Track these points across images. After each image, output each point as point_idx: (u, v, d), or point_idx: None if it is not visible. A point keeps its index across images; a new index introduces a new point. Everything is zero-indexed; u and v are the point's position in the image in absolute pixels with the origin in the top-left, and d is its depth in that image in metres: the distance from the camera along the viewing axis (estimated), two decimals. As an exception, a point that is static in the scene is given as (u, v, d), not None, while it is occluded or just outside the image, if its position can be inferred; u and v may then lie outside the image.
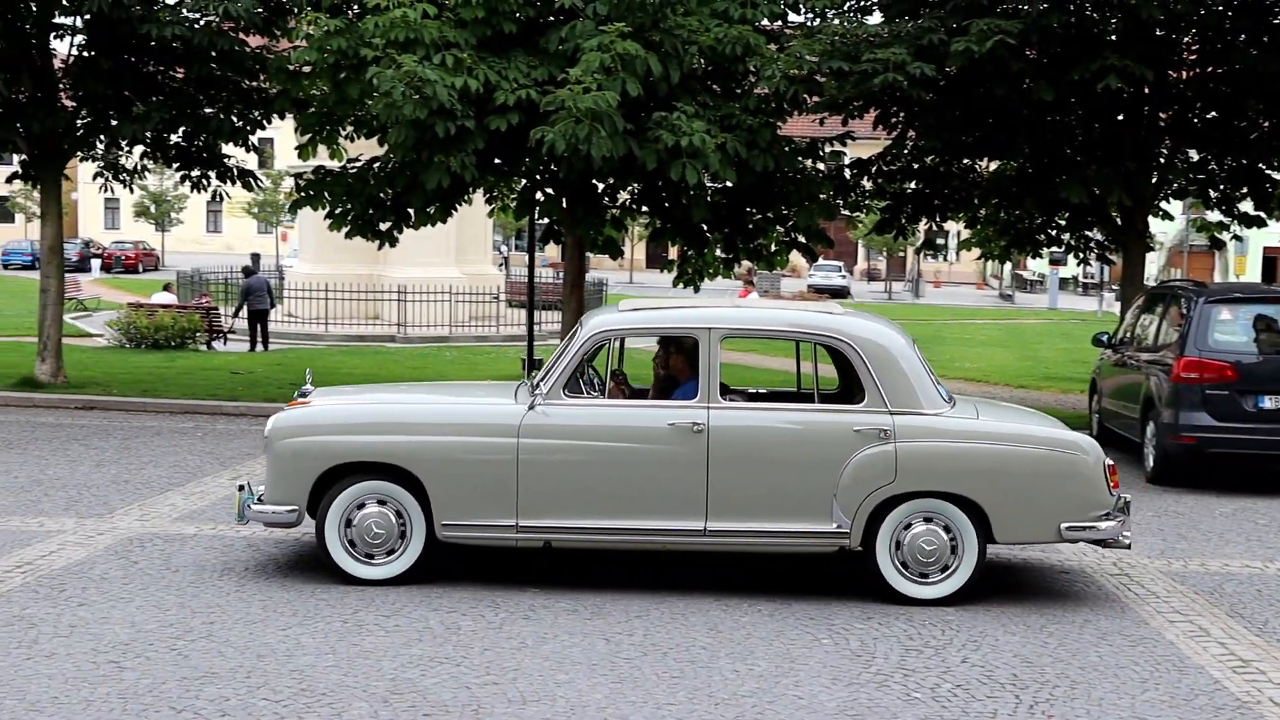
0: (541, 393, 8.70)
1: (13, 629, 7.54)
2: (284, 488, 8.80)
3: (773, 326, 9.56)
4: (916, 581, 8.67)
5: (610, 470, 8.62)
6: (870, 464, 8.53)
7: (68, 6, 17.86)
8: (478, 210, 23.77)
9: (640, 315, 9.23)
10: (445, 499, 8.64)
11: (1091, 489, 8.73)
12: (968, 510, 8.62)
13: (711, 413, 8.61)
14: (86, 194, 79.83)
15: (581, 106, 13.57)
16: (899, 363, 8.75)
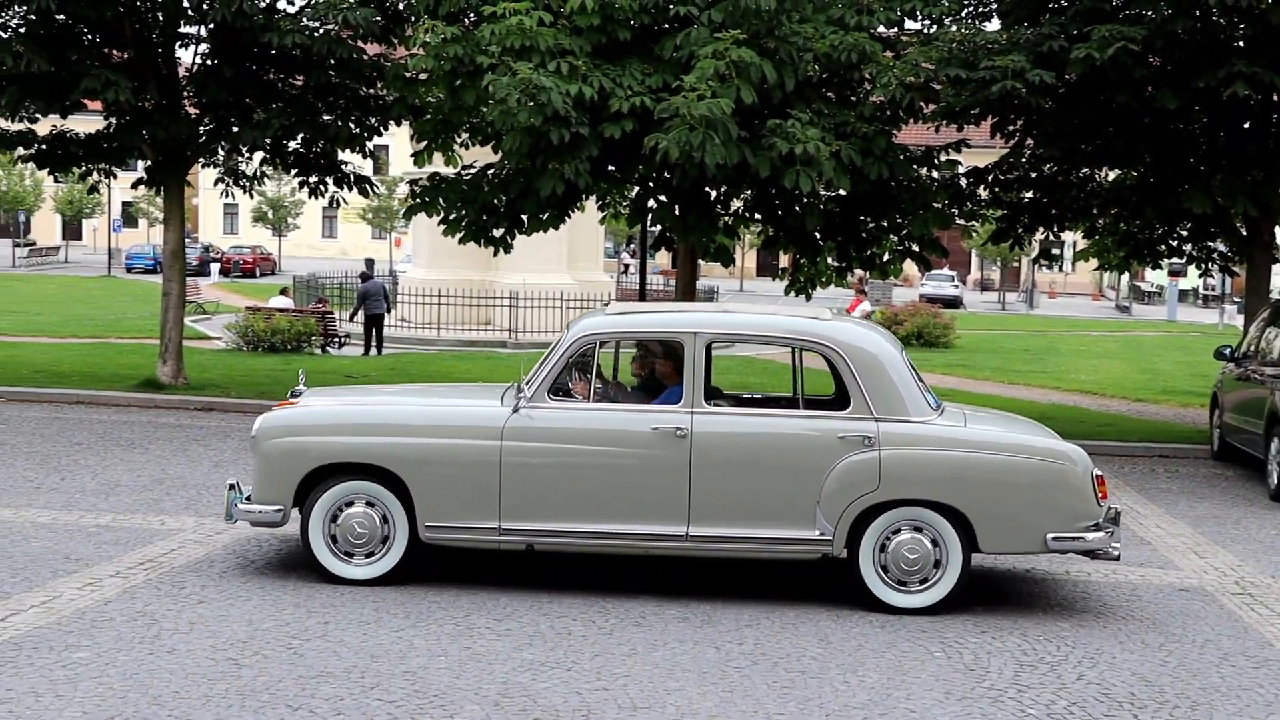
0: (525, 396, 8.67)
1: (136, 624, 7.69)
2: (270, 487, 8.83)
3: (759, 332, 9.34)
4: (900, 590, 8.58)
5: (593, 474, 8.59)
6: (854, 471, 8.47)
7: (193, 16, 18.27)
8: (589, 217, 23.84)
9: (626, 319, 9.19)
10: (428, 500, 8.64)
11: (1078, 499, 8.58)
12: (952, 519, 8.51)
13: (695, 417, 8.57)
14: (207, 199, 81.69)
15: (696, 113, 13.57)
16: (885, 370, 8.66)
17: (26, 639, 7.35)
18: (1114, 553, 8.77)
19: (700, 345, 8.66)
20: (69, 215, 79.07)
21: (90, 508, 10.99)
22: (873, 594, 8.58)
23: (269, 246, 76.12)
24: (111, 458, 13.53)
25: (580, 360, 8.83)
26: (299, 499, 8.80)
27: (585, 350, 8.78)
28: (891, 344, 9.02)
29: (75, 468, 12.87)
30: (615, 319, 9.09)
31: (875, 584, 8.57)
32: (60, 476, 12.37)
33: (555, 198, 15.57)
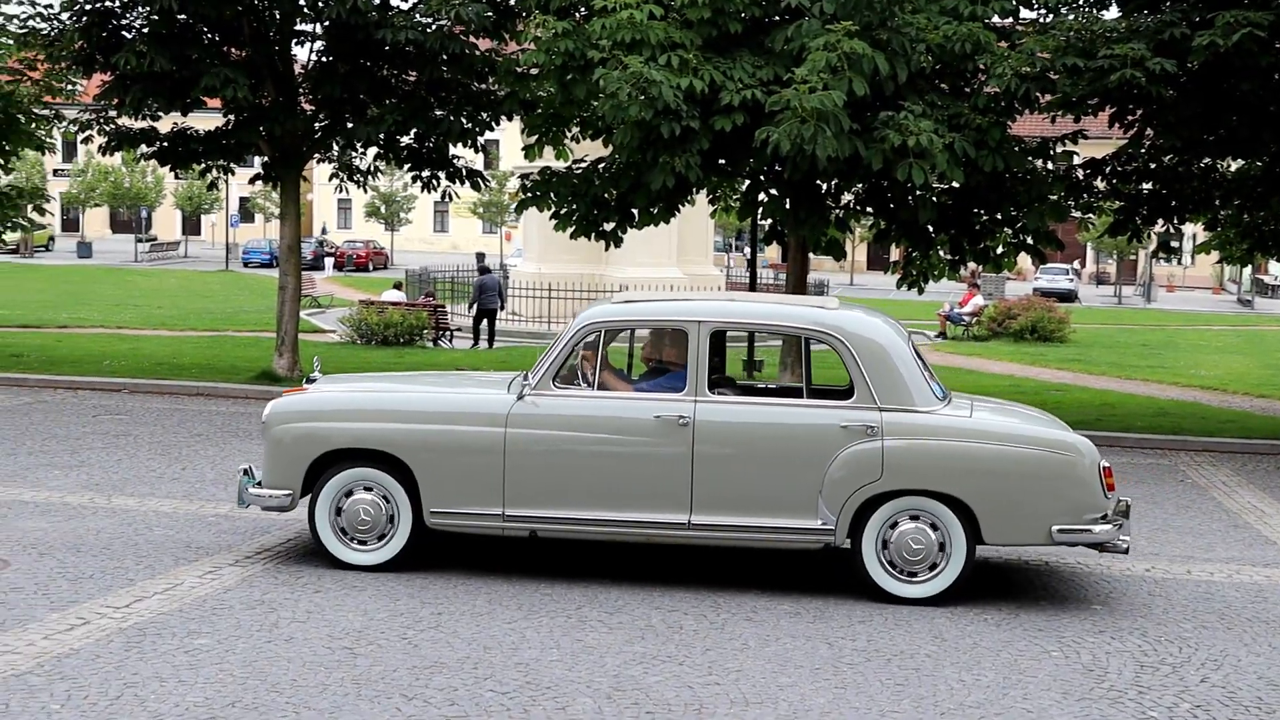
0: (530, 384, 8.70)
1: (254, 612, 7.82)
2: (279, 473, 8.94)
3: (763, 321, 9.22)
4: (903, 580, 8.53)
5: (596, 461, 8.60)
6: (856, 460, 8.42)
7: (308, 14, 18.54)
8: (699, 211, 23.82)
9: (631, 308, 9.15)
10: (434, 487, 8.70)
11: (1084, 491, 8.48)
12: (956, 509, 8.45)
13: (698, 406, 8.55)
14: (321, 194, 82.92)
15: (807, 106, 13.47)
16: (890, 359, 8.60)
17: (150, 625, 7.51)
18: (1122, 545, 8.63)
19: (704, 334, 8.64)
20: (188, 211, 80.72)
21: (210, 497, 11.20)
22: (875, 584, 8.53)
23: (382, 241, 77.07)
24: (230, 448, 13.77)
25: (585, 349, 8.81)
26: (308, 484, 8.90)
27: (590, 339, 8.77)
28: (898, 334, 8.93)
29: (195, 458, 13.13)
30: (620, 308, 9.10)
31: (878, 573, 8.53)
32: (181, 466, 12.63)
33: (666, 191, 15.56)
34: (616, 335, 9.19)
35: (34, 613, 7.66)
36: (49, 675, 6.60)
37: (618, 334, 9.21)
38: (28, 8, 19.62)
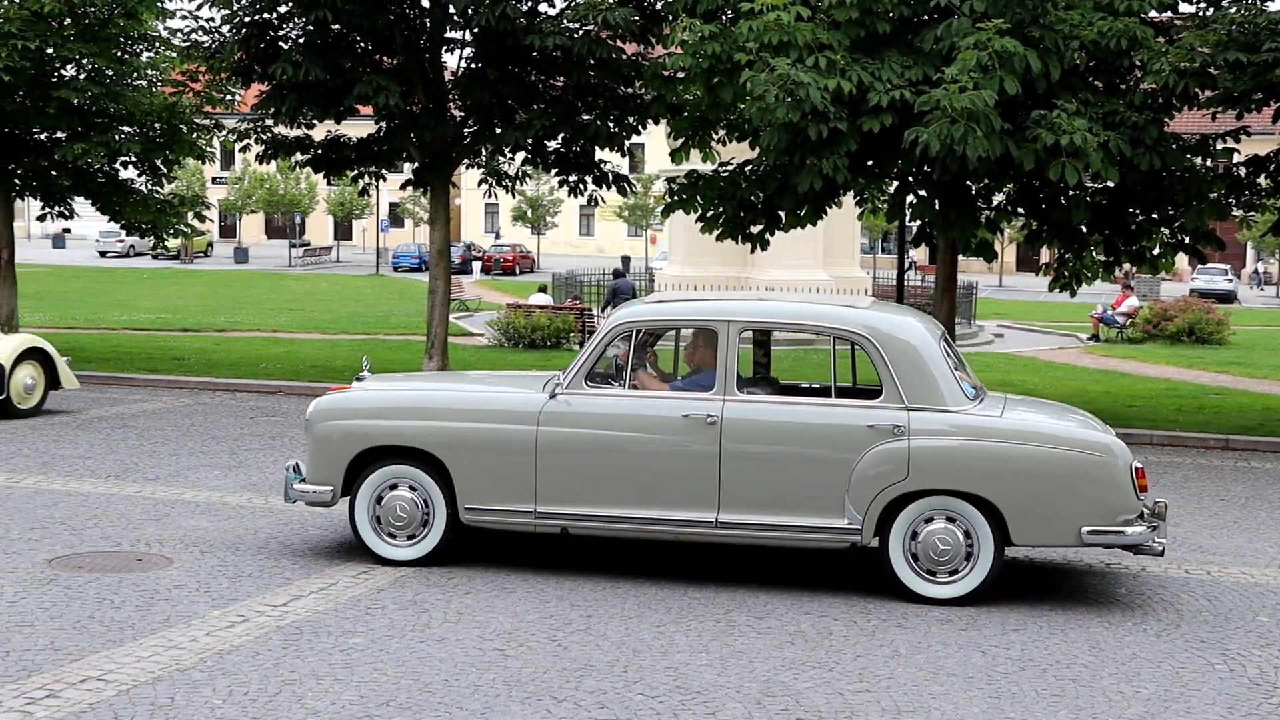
0: (563, 383, 8.81)
1: (407, 612, 7.94)
2: (321, 469, 9.15)
3: (793, 320, 9.17)
4: (931, 581, 8.45)
5: (625, 459, 8.67)
6: (882, 460, 8.37)
7: (458, 22, 18.80)
8: (845, 212, 23.61)
9: (663, 308, 9.30)
10: (468, 483, 8.83)
11: (1113, 492, 8.34)
12: (983, 510, 8.36)
13: (726, 405, 8.56)
14: (469, 199, 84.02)
15: (957, 106, 13.29)
16: (919, 358, 8.53)
17: (307, 623, 7.66)
18: (1157, 548, 8.47)
19: (733, 333, 8.66)
20: (340, 216, 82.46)
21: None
22: (902, 583, 8.46)
23: (528, 245, 77.86)
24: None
25: (619, 348, 8.87)
26: (349, 480, 9.08)
27: (622, 338, 8.83)
28: (930, 333, 8.82)
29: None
30: (652, 308, 9.24)
31: (905, 573, 8.47)
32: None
33: (813, 193, 15.47)
34: (649, 335, 9.24)
35: (196, 609, 7.87)
36: (211, 671, 6.77)
37: (650, 334, 9.26)
38: (190, 22, 20.20)
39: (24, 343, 15.64)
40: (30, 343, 15.72)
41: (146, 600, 8.04)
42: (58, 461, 12.75)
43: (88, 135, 21.32)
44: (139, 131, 22.36)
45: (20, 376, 15.44)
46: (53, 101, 21.04)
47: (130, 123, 22.18)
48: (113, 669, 6.76)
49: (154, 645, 7.17)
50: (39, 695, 6.35)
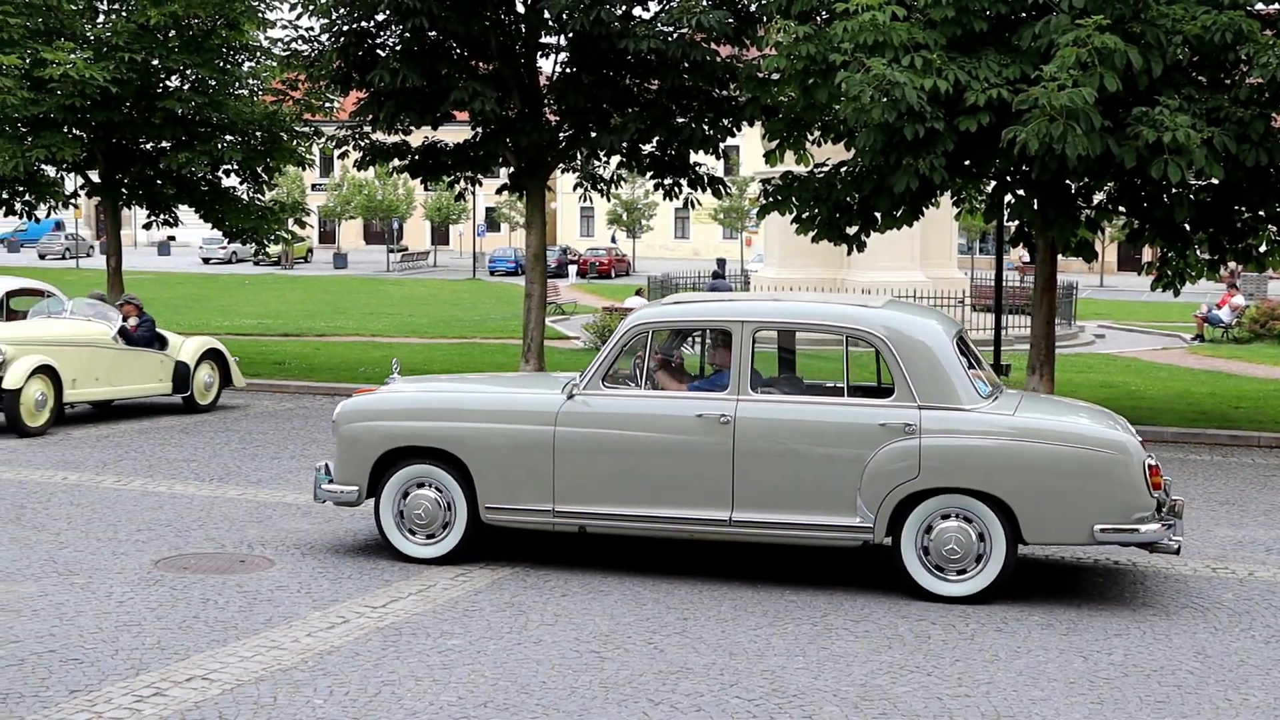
0: (581, 384, 8.94)
1: (504, 614, 7.99)
2: (348, 469, 9.35)
3: (806, 320, 9.26)
4: (943, 579, 8.44)
5: (641, 459, 8.77)
6: (894, 459, 8.39)
7: (553, 27, 18.89)
8: (942, 212, 23.39)
9: (679, 308, 9.51)
10: (488, 483, 8.98)
11: (1126, 490, 8.28)
12: (995, 508, 8.34)
13: (739, 405, 8.63)
14: (564, 203, 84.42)
15: (1056, 104, 13.10)
16: (931, 356, 8.56)
17: (406, 625, 7.74)
18: (1173, 546, 8.42)
19: (747, 334, 8.72)
20: (437, 221, 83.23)
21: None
22: (915, 581, 8.46)
23: (623, 248, 78.02)
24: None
25: (636, 349, 8.98)
26: (374, 480, 9.26)
27: (639, 339, 8.94)
28: (943, 331, 8.83)
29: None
30: (668, 309, 9.46)
31: (918, 571, 8.47)
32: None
33: (909, 194, 15.32)
34: (666, 336, 9.34)
35: (298, 610, 7.98)
36: (312, 671, 6.86)
37: (667, 334, 9.36)
38: (290, 31, 20.53)
39: (204, 344, 17.63)
40: (209, 344, 17.70)
41: (249, 601, 8.17)
42: (163, 465, 13.01)
43: (192, 144, 21.74)
44: (241, 140, 22.76)
45: (201, 375, 17.33)
46: (158, 112, 21.47)
47: (232, 131, 22.58)
48: (217, 668, 6.88)
49: (256, 645, 7.29)
50: (147, 693, 6.48)
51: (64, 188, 24.83)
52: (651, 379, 9.01)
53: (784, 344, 9.74)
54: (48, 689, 6.51)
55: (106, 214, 24.12)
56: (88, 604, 8.03)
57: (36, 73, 20.09)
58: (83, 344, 15.81)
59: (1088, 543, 8.38)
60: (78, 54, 20.29)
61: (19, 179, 22.03)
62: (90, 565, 8.97)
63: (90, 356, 15.84)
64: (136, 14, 20.96)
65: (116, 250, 23.86)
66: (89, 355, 15.84)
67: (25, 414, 14.70)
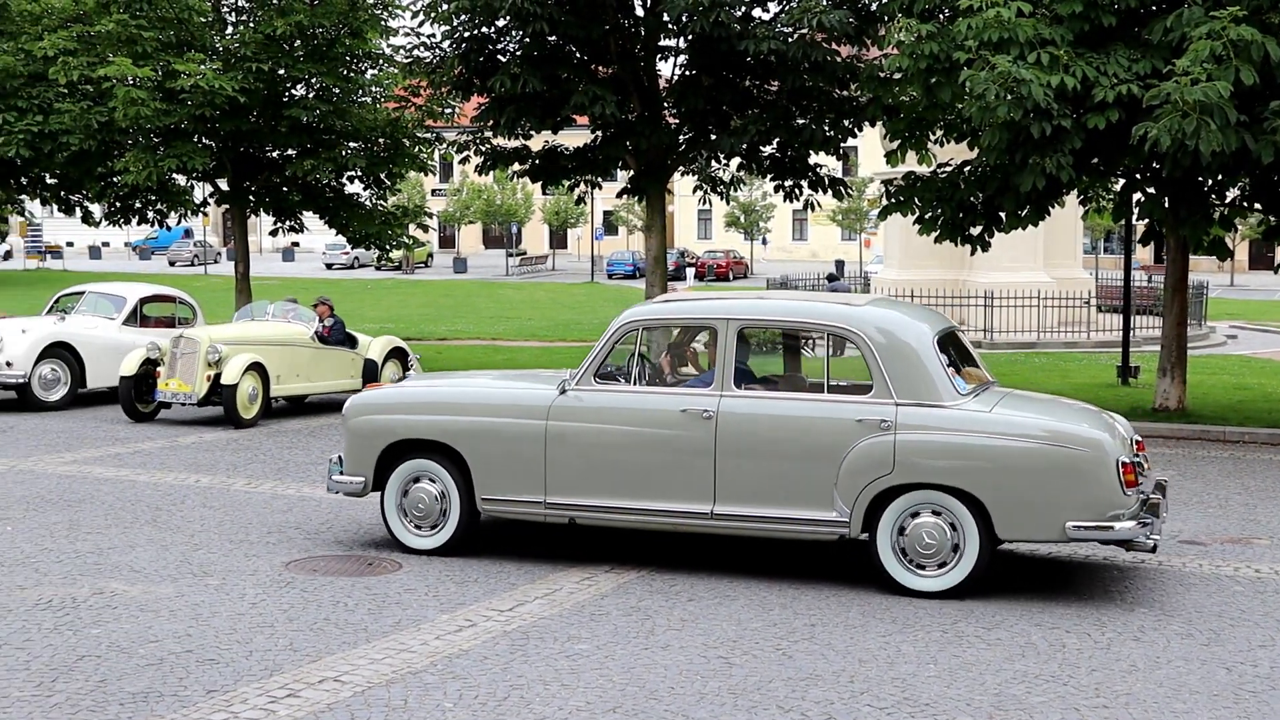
0: (573, 379, 9.16)
1: (631, 619, 7.97)
2: (355, 461, 9.67)
3: (788, 318, 9.43)
4: (918, 573, 8.51)
5: (628, 453, 8.96)
6: (869, 454, 8.48)
7: (672, 30, 18.89)
8: (1066, 211, 22.98)
9: (667, 307, 9.70)
10: (485, 475, 9.26)
11: (1098, 488, 8.24)
12: (969, 504, 8.37)
13: (722, 401, 8.79)
14: (682, 206, 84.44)
15: (1189, 99, 12.81)
16: (910, 354, 8.64)
17: (533, 628, 7.75)
18: (1148, 544, 8.38)
19: (732, 331, 8.89)
20: (555, 225, 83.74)
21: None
22: (890, 576, 8.53)
23: (741, 251, 77.85)
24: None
25: (627, 346, 9.17)
26: (380, 472, 9.55)
27: (629, 337, 9.16)
28: (924, 328, 8.89)
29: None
30: (657, 307, 9.62)
31: (893, 566, 8.55)
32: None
33: (1036, 193, 15.10)
34: (655, 333, 9.57)
35: (425, 614, 8.04)
36: (442, 674, 6.89)
37: (656, 331, 9.59)
38: (412, 38, 20.76)
39: (389, 343, 18.57)
40: (394, 343, 18.62)
41: (378, 604, 8.24)
42: (291, 467, 13.20)
43: (316, 152, 22.12)
44: (364, 146, 23.12)
45: (387, 372, 18.02)
46: (284, 120, 21.88)
47: (356, 138, 22.94)
48: (348, 670, 6.94)
49: (386, 648, 7.34)
50: (281, 694, 6.55)
51: (194, 196, 25.38)
52: (661, 374, 9.37)
53: (789, 343, 9.78)
54: (186, 689, 6.62)
55: (234, 221, 24.62)
56: (222, 605, 8.16)
57: (168, 84, 20.58)
58: (284, 343, 17.07)
59: (1060, 540, 8.39)
60: (207, 65, 20.73)
61: (151, 188, 22.58)
62: (224, 567, 9.12)
63: (292, 355, 17.04)
64: (263, 24, 21.37)
65: (245, 256, 24.32)
66: (290, 354, 17.04)
67: (240, 407, 16.03)
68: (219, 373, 15.88)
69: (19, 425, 15.95)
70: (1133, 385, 20.26)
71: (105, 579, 8.74)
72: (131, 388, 16.55)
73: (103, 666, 6.94)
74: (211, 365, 15.94)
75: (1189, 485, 12.75)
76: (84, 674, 6.82)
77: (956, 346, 9.20)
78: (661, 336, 9.79)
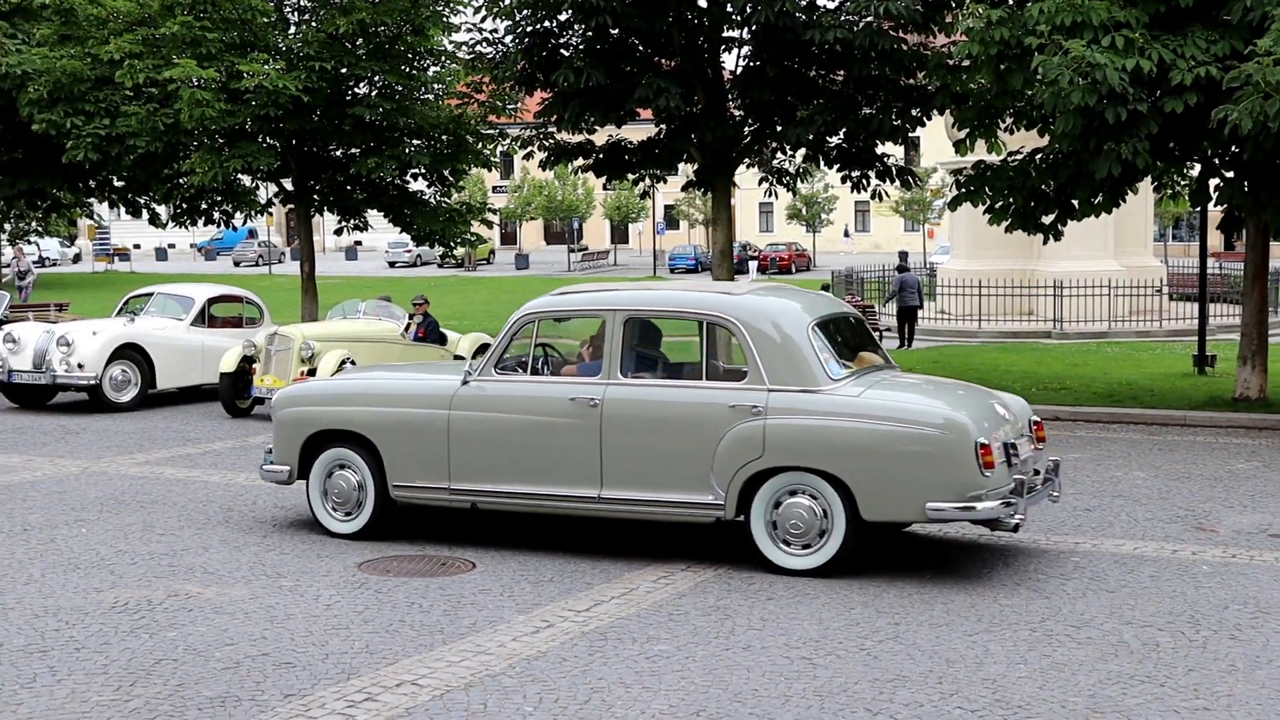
0: (475, 370, 9.57)
1: (710, 619, 7.82)
2: (281, 451, 10.19)
3: (670, 308, 9.70)
4: (790, 553, 8.77)
5: (522, 440, 9.33)
6: (741, 439, 8.75)
7: (736, 20, 18.69)
8: (1135, 199, 22.58)
9: (561, 299, 9.95)
10: (395, 463, 9.68)
11: (955, 469, 8.39)
12: (835, 485, 8.61)
13: (607, 389, 9.12)
14: (743, 199, 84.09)
15: (1272, 80, 12.48)
16: (782, 341, 8.88)
17: (610, 629, 7.62)
18: (1009, 524, 8.54)
19: (619, 322, 9.19)
20: (617, 220, 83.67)
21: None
22: (764, 555, 8.80)
23: (803, 243, 77.44)
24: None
25: (526, 337, 9.57)
26: (304, 461, 10.05)
27: (526, 328, 9.55)
28: (800, 314, 9.13)
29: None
30: (553, 299, 9.91)
31: (767, 546, 8.82)
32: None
33: (1110, 180, 14.80)
34: (550, 324, 9.99)
35: (502, 614, 7.93)
36: (520, 677, 6.78)
37: (554, 322, 10.11)
38: (474, 34, 20.69)
39: (478, 339, 18.74)
40: (482, 339, 18.69)
41: (453, 605, 8.15)
42: (362, 466, 13.15)
43: (380, 150, 22.11)
44: (427, 144, 23.07)
45: None
46: (347, 119, 21.87)
47: (419, 136, 22.90)
48: (425, 673, 6.84)
49: (463, 650, 7.24)
50: (358, 698, 6.46)
51: (259, 196, 25.47)
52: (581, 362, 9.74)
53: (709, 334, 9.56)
54: (263, 693, 6.55)
55: (299, 220, 24.67)
56: (297, 607, 8.09)
57: (233, 85, 20.62)
58: (375, 340, 17.39)
59: (921, 520, 8.58)
60: (271, 65, 20.76)
61: (217, 188, 22.67)
62: (297, 568, 9.06)
63: (383, 351, 17.23)
64: (326, 24, 21.38)
65: (310, 256, 24.38)
66: (381, 350, 17.23)
67: None
68: (313, 369, 16.06)
69: (90, 426, 16.03)
70: (1210, 375, 19.86)
71: (180, 581, 8.71)
72: (230, 384, 16.90)
73: (180, 670, 6.89)
74: (305, 362, 16.17)
75: (1274, 477, 12.43)
76: (161, 678, 6.77)
77: (848, 332, 9.55)
78: (556, 327, 10.33)
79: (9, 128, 26.74)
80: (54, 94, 22.68)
